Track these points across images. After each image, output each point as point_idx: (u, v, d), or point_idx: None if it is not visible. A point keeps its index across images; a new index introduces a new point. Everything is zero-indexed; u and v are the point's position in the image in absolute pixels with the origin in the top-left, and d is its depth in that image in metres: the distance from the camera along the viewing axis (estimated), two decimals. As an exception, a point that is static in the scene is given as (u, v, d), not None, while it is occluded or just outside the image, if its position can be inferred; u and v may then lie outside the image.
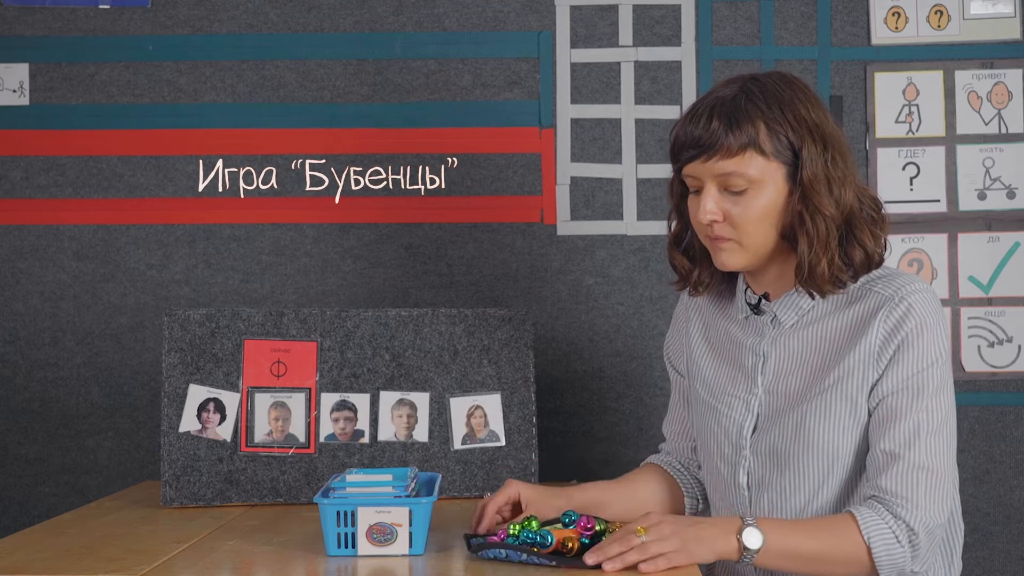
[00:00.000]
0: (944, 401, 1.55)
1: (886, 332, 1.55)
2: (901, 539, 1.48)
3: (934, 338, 1.55)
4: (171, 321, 1.98)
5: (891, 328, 1.55)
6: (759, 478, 1.64)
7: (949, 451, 1.55)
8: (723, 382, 1.71)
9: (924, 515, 1.49)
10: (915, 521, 1.49)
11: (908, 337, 1.54)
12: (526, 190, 2.36)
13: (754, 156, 1.55)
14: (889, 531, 1.48)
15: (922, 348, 1.54)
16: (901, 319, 1.54)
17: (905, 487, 1.50)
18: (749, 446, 1.65)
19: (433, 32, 2.36)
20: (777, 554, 1.47)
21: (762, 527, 1.47)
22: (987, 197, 2.33)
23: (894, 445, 1.52)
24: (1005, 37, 2.33)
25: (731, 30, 2.35)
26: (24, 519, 2.32)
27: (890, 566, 1.49)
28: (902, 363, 1.54)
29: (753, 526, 1.46)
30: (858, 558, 1.49)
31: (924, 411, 1.53)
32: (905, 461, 1.51)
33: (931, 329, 1.55)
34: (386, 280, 2.36)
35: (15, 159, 2.38)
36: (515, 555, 1.49)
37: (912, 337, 1.54)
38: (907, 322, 1.54)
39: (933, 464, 1.51)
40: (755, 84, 1.58)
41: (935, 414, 1.53)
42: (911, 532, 1.49)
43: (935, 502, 1.51)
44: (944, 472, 1.53)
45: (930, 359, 1.55)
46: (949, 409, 1.56)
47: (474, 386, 2.03)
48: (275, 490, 1.96)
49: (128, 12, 2.37)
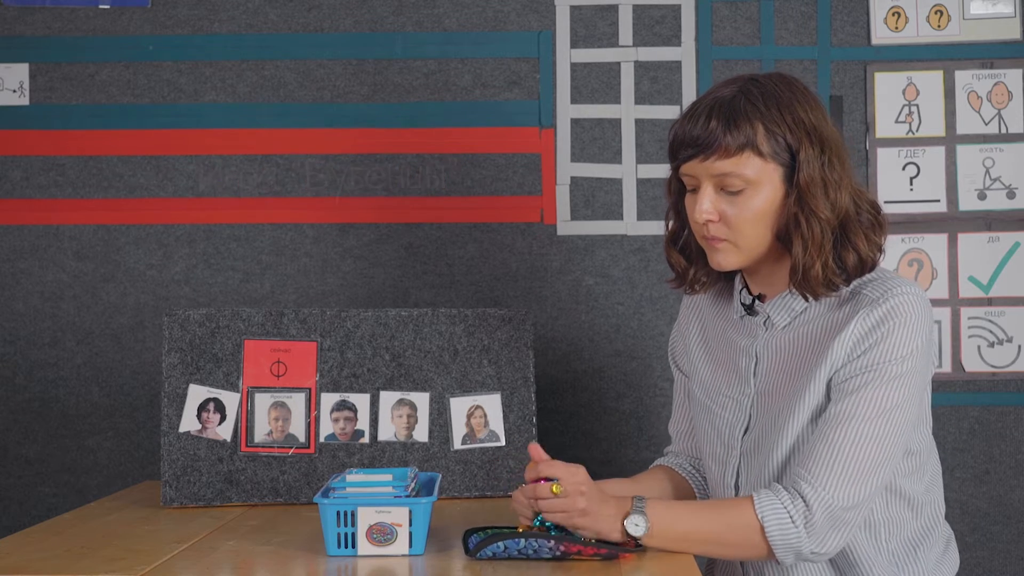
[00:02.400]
0: (895, 392, 1.52)
1: (863, 330, 1.54)
2: (796, 519, 1.49)
3: (908, 335, 1.53)
4: (171, 321, 1.98)
5: (869, 326, 1.54)
6: (746, 478, 1.65)
7: (882, 440, 1.51)
8: (718, 383, 1.72)
9: (826, 495, 1.49)
10: (813, 499, 1.49)
11: (884, 334, 1.53)
12: (526, 190, 2.36)
13: (751, 157, 1.55)
14: (784, 510, 1.50)
15: (892, 341, 1.53)
16: (881, 319, 1.54)
17: (816, 465, 1.51)
18: (740, 446, 1.66)
19: (433, 32, 2.36)
20: (664, 538, 1.51)
21: (650, 511, 1.50)
22: (987, 197, 2.33)
23: (824, 423, 1.53)
24: (1005, 37, 2.33)
25: (731, 30, 2.35)
26: (24, 519, 2.32)
27: (784, 547, 1.50)
28: (869, 352, 1.53)
29: (639, 512, 1.49)
30: (751, 538, 1.51)
31: (867, 397, 1.52)
32: (825, 440, 1.51)
33: (907, 326, 1.53)
34: (386, 280, 2.36)
35: (15, 159, 2.38)
36: (514, 544, 1.49)
37: (887, 333, 1.53)
38: (886, 321, 1.53)
39: (852, 447, 1.50)
40: (754, 85, 1.58)
41: (878, 401, 1.52)
42: (807, 511, 1.49)
43: (844, 484, 1.50)
44: (865, 458, 1.50)
45: (898, 353, 1.53)
46: (900, 401, 1.52)
47: (474, 386, 2.03)
48: (275, 490, 1.96)
49: (128, 12, 2.37)
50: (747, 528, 1.50)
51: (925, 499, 1.64)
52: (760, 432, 1.63)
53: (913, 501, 1.62)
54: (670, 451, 1.88)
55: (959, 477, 2.32)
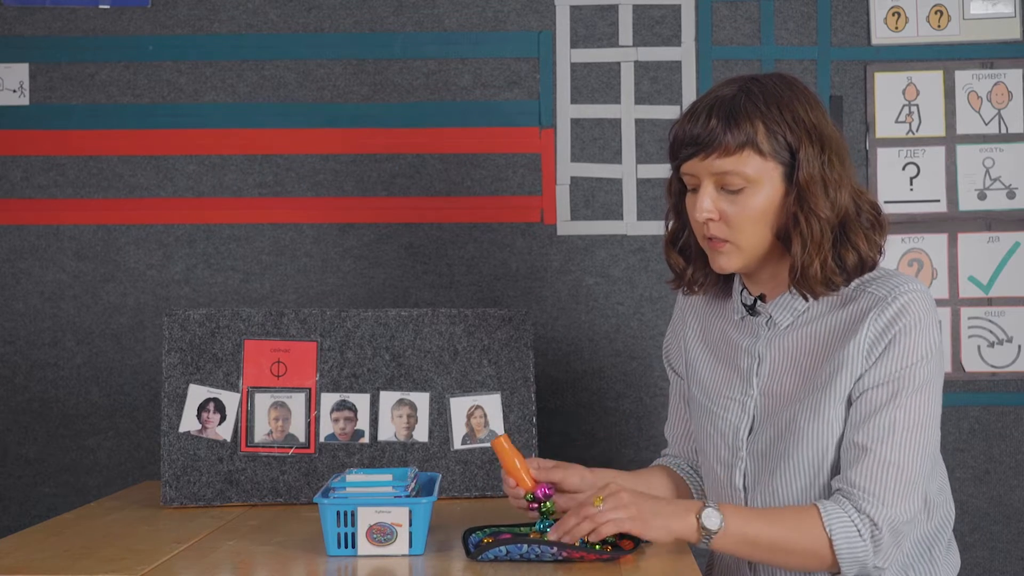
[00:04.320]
0: (925, 399, 1.53)
1: (877, 331, 1.54)
2: (863, 533, 1.49)
3: (923, 336, 1.54)
4: (171, 321, 1.98)
5: (882, 327, 1.54)
6: (754, 479, 1.64)
7: (924, 450, 1.53)
8: (719, 384, 1.71)
9: (889, 511, 1.49)
10: (879, 516, 1.49)
11: (898, 335, 1.53)
12: (526, 190, 2.36)
13: (752, 155, 1.55)
14: (851, 524, 1.49)
15: (909, 345, 1.53)
16: (893, 318, 1.54)
17: (872, 482, 1.50)
18: (746, 448, 1.65)
19: (433, 32, 2.36)
20: (736, 539, 1.49)
21: (723, 511, 1.48)
22: (987, 197, 2.33)
23: (867, 439, 1.52)
24: (1005, 37, 2.33)
25: (731, 30, 2.35)
26: (24, 519, 2.32)
27: (851, 560, 1.49)
28: (887, 359, 1.53)
29: (714, 508, 1.48)
30: (819, 550, 1.49)
31: (902, 407, 1.52)
32: (875, 456, 1.51)
33: (921, 327, 1.54)
34: (386, 280, 2.36)
35: (15, 159, 2.38)
36: (515, 548, 1.49)
37: (901, 335, 1.53)
38: (898, 321, 1.53)
39: (903, 461, 1.51)
40: (755, 84, 1.58)
41: (913, 411, 1.52)
42: (874, 527, 1.49)
43: (901, 499, 1.50)
44: (914, 470, 1.51)
45: (916, 356, 1.53)
46: (930, 408, 1.54)
47: (474, 386, 2.03)
48: (275, 490, 1.96)
49: (128, 12, 2.37)
50: (816, 539, 1.49)
51: (938, 499, 1.65)
52: (772, 434, 1.62)
53: (928, 502, 1.62)
54: (667, 454, 1.87)
55: (959, 477, 2.32)
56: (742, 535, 1.49)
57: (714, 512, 1.48)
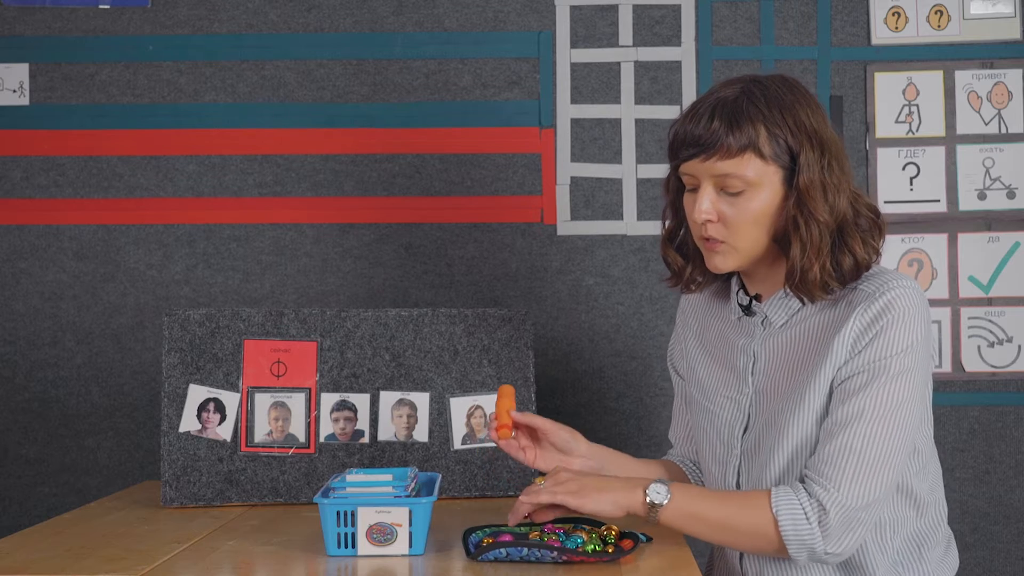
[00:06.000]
0: (899, 387, 1.52)
1: (863, 325, 1.55)
2: (810, 517, 1.49)
3: (906, 328, 1.53)
4: (171, 321, 1.98)
5: (868, 321, 1.54)
6: (747, 477, 1.65)
7: (891, 439, 1.51)
8: (716, 383, 1.72)
9: (839, 496, 1.49)
10: (828, 501, 1.49)
11: (883, 328, 1.53)
12: (526, 190, 2.36)
13: (752, 158, 1.55)
14: (799, 507, 1.50)
15: (892, 336, 1.53)
16: (879, 313, 1.54)
17: (828, 467, 1.51)
18: (740, 445, 1.66)
19: (433, 32, 2.36)
20: (682, 514, 1.52)
21: (672, 488, 1.52)
22: (987, 197, 2.33)
23: (832, 425, 1.53)
24: (1005, 37, 2.33)
25: (731, 30, 2.35)
26: (24, 519, 2.32)
27: (797, 543, 1.50)
28: (869, 348, 1.53)
29: (662, 483, 1.52)
30: (764, 530, 1.51)
31: (872, 395, 1.51)
32: (836, 441, 1.51)
33: (906, 320, 1.53)
34: (386, 280, 2.36)
35: (15, 159, 2.38)
36: (516, 551, 1.50)
37: (886, 327, 1.53)
38: (884, 315, 1.54)
39: (863, 448, 1.50)
40: (757, 86, 1.58)
41: (884, 399, 1.52)
42: (822, 511, 1.49)
43: (855, 485, 1.50)
44: (875, 457, 1.51)
45: (898, 347, 1.53)
46: (905, 396, 1.52)
47: (474, 386, 2.03)
48: (275, 490, 1.96)
49: (128, 12, 2.37)
50: (761, 520, 1.51)
51: (929, 499, 1.64)
52: (760, 431, 1.63)
53: (918, 500, 1.62)
54: (672, 455, 1.88)
55: (959, 477, 2.32)
56: (689, 511, 1.53)
57: (662, 487, 1.52)
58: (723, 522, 1.52)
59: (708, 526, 1.53)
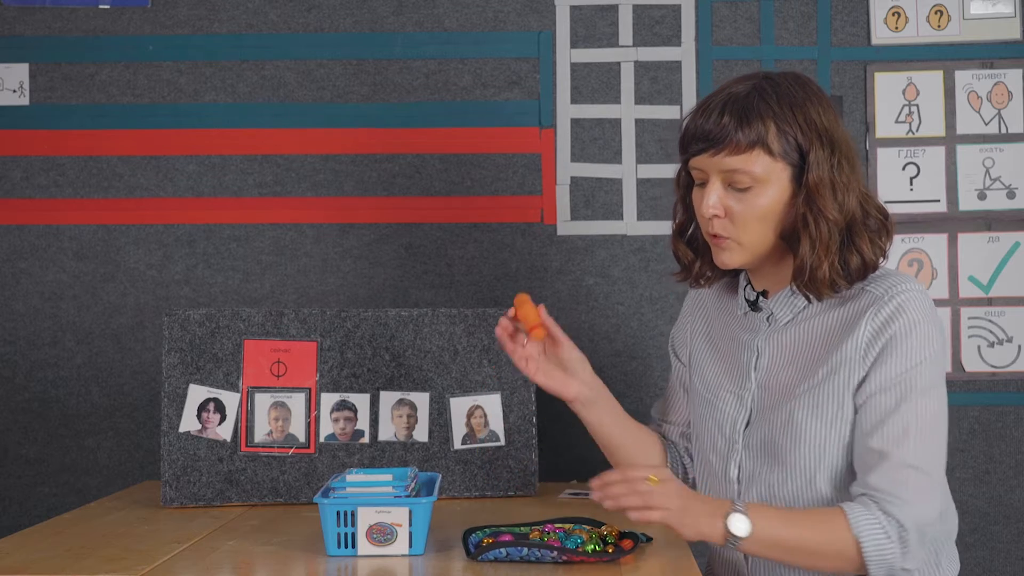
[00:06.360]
0: (933, 400, 1.54)
1: (874, 330, 1.55)
2: (891, 535, 1.48)
3: (923, 337, 1.55)
4: (171, 321, 1.98)
5: (879, 326, 1.55)
6: (749, 472, 1.65)
7: (938, 450, 1.54)
8: (720, 377, 1.73)
9: (914, 512, 1.49)
10: (905, 518, 1.49)
11: (896, 335, 1.54)
12: (526, 190, 2.36)
13: (761, 155, 1.56)
14: (879, 527, 1.48)
15: (909, 346, 1.54)
16: (889, 318, 1.55)
17: (894, 485, 1.50)
18: (741, 440, 1.66)
19: (433, 32, 2.36)
20: (764, 543, 1.49)
21: (751, 515, 1.48)
22: (987, 197, 2.33)
23: (883, 443, 1.52)
24: (1005, 37, 2.33)
25: (731, 30, 2.35)
26: (24, 519, 2.32)
27: (879, 562, 1.49)
28: (889, 361, 1.54)
29: (741, 512, 1.47)
30: (847, 553, 1.49)
31: (912, 410, 1.52)
32: (894, 459, 1.51)
33: (920, 327, 1.55)
34: (386, 280, 2.36)
35: (15, 159, 2.38)
36: (516, 551, 1.50)
37: (900, 336, 1.54)
38: (895, 321, 1.54)
39: (921, 463, 1.51)
40: (768, 83, 1.59)
41: (924, 413, 1.53)
42: (901, 528, 1.49)
43: (925, 500, 1.51)
44: (932, 471, 1.53)
45: (918, 357, 1.54)
46: (938, 408, 1.55)
47: (474, 386, 2.03)
48: (275, 490, 1.96)
49: (128, 12, 2.37)
50: (843, 543, 1.49)
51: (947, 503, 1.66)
52: (767, 428, 1.63)
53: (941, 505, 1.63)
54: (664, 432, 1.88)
55: (959, 477, 2.32)
56: (771, 539, 1.49)
57: (742, 516, 1.47)
58: (803, 547, 1.50)
59: (787, 552, 1.51)
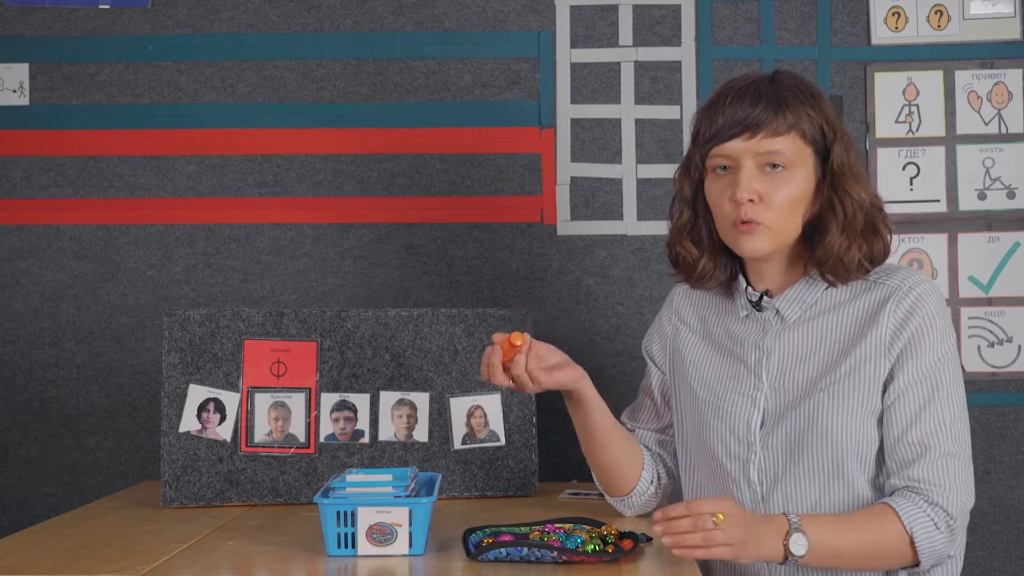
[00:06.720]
0: (960, 391, 1.61)
1: (896, 323, 1.60)
2: (940, 525, 1.53)
3: (944, 332, 1.61)
4: (171, 321, 1.98)
5: (901, 319, 1.60)
6: (771, 473, 1.65)
7: (968, 438, 1.61)
8: (725, 379, 1.72)
9: (959, 499, 1.55)
10: (951, 505, 1.54)
11: (920, 328, 1.59)
12: (526, 190, 2.36)
13: (796, 139, 1.60)
14: (928, 519, 1.53)
15: (933, 341, 1.59)
16: (910, 310, 1.60)
17: (939, 474, 1.55)
18: (759, 442, 1.66)
19: (433, 32, 2.36)
20: (823, 554, 1.50)
21: (807, 530, 1.48)
22: (987, 197, 2.33)
23: (923, 435, 1.57)
24: (1005, 37, 2.33)
25: (731, 30, 2.35)
26: (24, 519, 2.32)
27: (931, 553, 1.53)
28: (916, 357, 1.59)
29: (799, 531, 1.47)
30: (901, 550, 1.53)
31: (945, 402, 1.58)
32: (936, 450, 1.56)
33: (939, 320, 1.61)
34: (386, 280, 2.36)
35: (15, 159, 2.38)
36: (516, 551, 1.49)
37: (924, 328, 1.59)
38: (916, 314, 1.59)
39: (959, 451, 1.57)
40: (785, 77, 1.65)
41: (955, 403, 1.59)
42: (948, 516, 1.54)
43: (967, 485, 1.57)
44: (968, 458, 1.59)
45: (943, 349, 1.60)
46: (963, 397, 1.62)
47: (474, 386, 2.03)
48: (275, 490, 1.96)
49: (128, 12, 2.37)
50: (897, 540, 1.52)
51: None
52: (787, 426, 1.63)
53: None
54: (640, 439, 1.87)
55: (959, 477, 2.32)
56: (829, 550, 1.50)
57: (800, 535, 1.47)
58: (860, 552, 1.52)
59: (847, 560, 1.52)
